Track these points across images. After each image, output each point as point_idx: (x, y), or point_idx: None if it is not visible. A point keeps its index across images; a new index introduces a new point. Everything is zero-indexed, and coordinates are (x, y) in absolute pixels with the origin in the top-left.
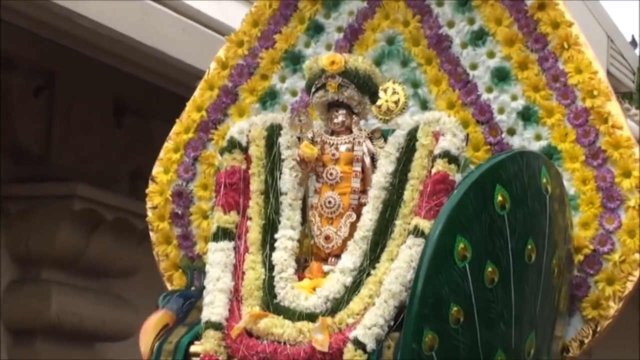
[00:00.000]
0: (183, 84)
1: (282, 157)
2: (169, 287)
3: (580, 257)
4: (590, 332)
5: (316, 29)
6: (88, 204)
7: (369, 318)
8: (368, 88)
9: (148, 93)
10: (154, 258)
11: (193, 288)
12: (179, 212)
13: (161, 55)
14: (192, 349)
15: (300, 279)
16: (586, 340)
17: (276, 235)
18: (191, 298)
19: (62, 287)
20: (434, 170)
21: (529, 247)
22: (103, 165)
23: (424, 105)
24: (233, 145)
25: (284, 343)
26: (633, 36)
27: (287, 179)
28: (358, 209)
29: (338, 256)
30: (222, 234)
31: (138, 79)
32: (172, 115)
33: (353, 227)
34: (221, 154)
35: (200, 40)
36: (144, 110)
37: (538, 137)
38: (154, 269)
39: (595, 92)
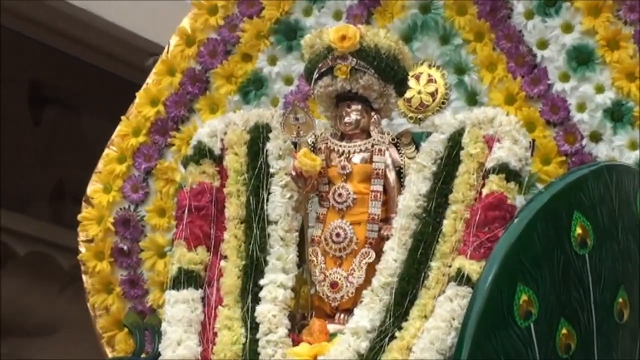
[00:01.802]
0: (129, 65)
1: (271, 170)
2: (109, 353)
3: None
4: None
5: None
6: None
7: None
8: (393, 74)
9: (78, 76)
10: (85, 311)
11: (144, 355)
12: (125, 248)
13: (98, 23)
14: None
15: (296, 343)
16: None
17: (261, 282)
18: None
19: None
20: (485, 191)
21: (620, 300)
22: (14, 177)
23: (472, 99)
24: (202, 153)
25: None
26: None
27: (278, 202)
28: (378, 245)
29: (349, 311)
30: (186, 278)
31: (64, 56)
32: (113, 109)
33: (371, 270)
34: (185, 166)
35: (155, 4)
36: (72, 100)
37: (633, 146)
38: (86, 327)
39: None
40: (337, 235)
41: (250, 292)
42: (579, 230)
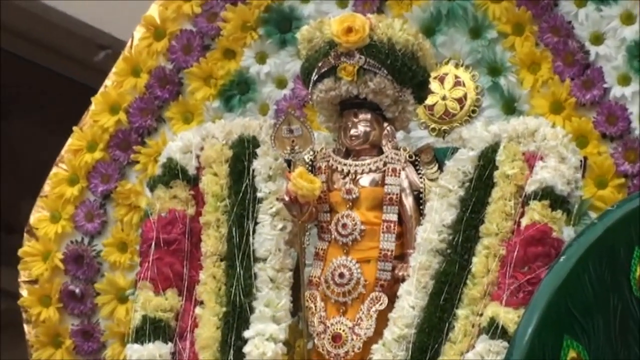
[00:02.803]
0: (72, 59)
1: (259, 195)
2: None
3: None
4: None
5: None
6: None
7: None
8: (411, 76)
9: (11, 71)
10: None
11: None
12: (77, 291)
13: (27, 4)
14: None
15: None
16: None
17: (246, 334)
18: None
19: None
20: (525, 221)
21: None
22: None
23: (509, 107)
24: (173, 173)
25: None
26: None
27: (267, 235)
28: (391, 289)
29: None
30: (152, 329)
31: None
32: (59, 114)
33: (382, 319)
34: (152, 189)
35: None
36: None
37: None
38: None
39: None
40: (341, 275)
41: (232, 346)
42: None
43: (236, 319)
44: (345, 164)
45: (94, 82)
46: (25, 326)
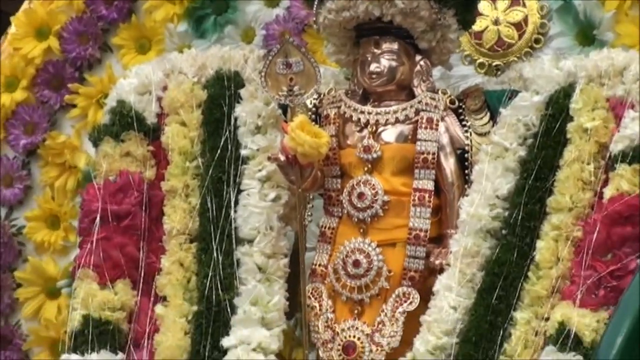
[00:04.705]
0: None
1: (243, 152)
2: None
3: None
4: None
5: None
6: None
7: None
8: None
9: None
10: None
11: None
12: None
13: None
14: None
15: None
16: None
17: (225, 342)
18: None
19: None
20: (609, 192)
21: None
22: None
23: (587, 35)
24: (125, 122)
25: None
26: None
27: (255, 208)
28: (425, 282)
29: None
30: (97, 334)
31: None
32: None
33: (413, 324)
34: (95, 143)
35: None
36: None
37: None
38: None
39: None
40: (356, 264)
41: (206, 359)
42: None
43: (212, 322)
44: (362, 112)
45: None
46: None
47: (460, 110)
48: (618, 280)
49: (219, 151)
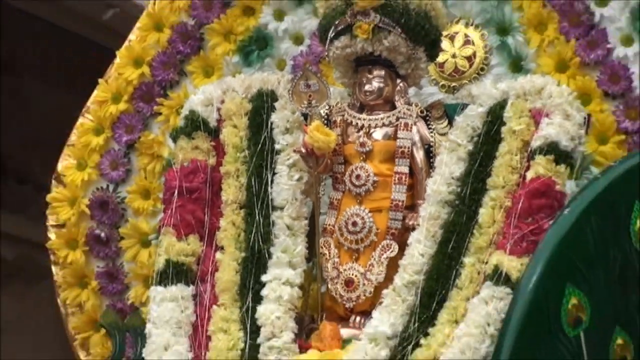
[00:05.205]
0: (85, 18)
1: (277, 146)
2: (82, 357)
3: None
4: None
5: None
6: None
7: None
8: (424, 34)
9: (18, 31)
10: (47, 308)
11: None
12: (102, 235)
13: None
14: None
15: (304, 349)
16: None
17: (264, 278)
18: None
19: None
20: (530, 175)
21: None
22: None
23: (517, 65)
24: (194, 124)
25: None
26: None
27: (284, 185)
28: (402, 237)
29: (367, 314)
30: (175, 272)
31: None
32: (66, 71)
33: (393, 266)
34: (174, 140)
35: None
36: (11, 60)
37: None
38: (35, 328)
39: None
40: (354, 224)
41: (250, 289)
42: None
43: (254, 264)
44: (359, 118)
45: (104, 40)
46: (53, 268)
47: (428, 118)
48: (535, 236)
49: (259, 146)
